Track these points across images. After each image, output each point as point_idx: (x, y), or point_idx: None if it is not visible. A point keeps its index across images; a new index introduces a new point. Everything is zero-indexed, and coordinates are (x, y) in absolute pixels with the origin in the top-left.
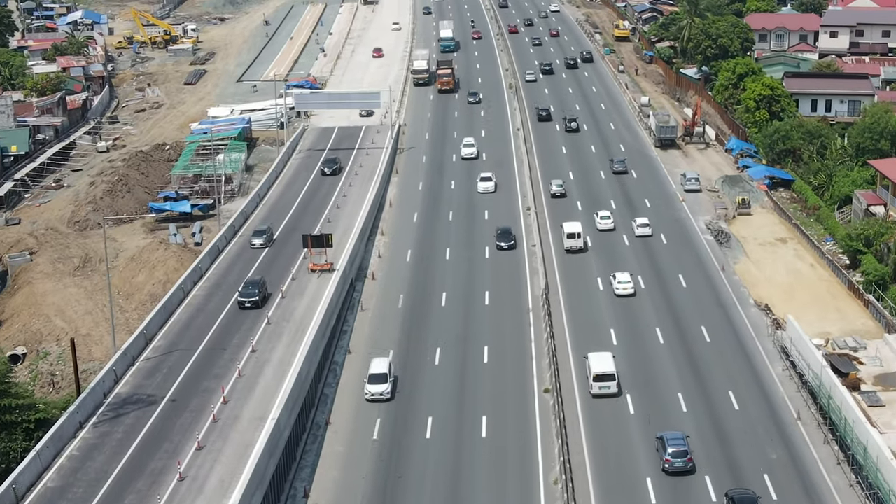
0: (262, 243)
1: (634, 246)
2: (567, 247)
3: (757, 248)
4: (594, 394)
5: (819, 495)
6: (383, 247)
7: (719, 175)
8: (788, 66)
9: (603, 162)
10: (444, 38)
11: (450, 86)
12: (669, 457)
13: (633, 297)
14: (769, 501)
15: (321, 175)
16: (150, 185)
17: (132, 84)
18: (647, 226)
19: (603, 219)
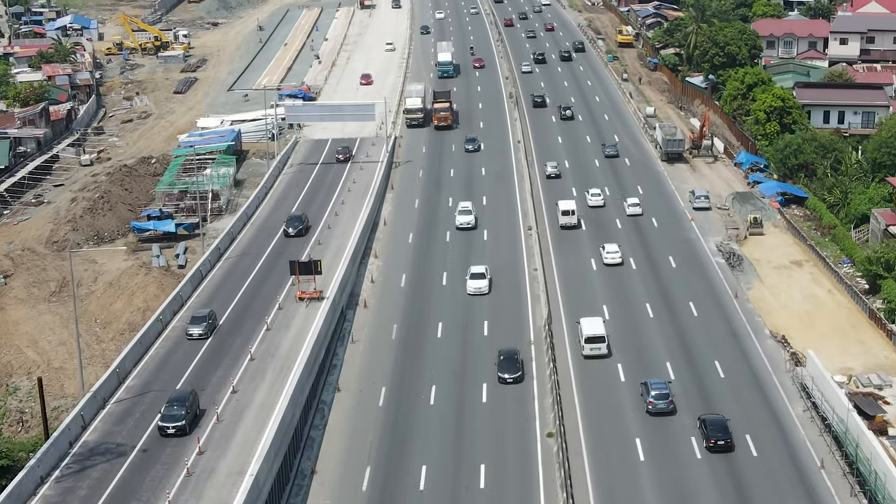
0: (201, 333)
1: (626, 224)
2: (562, 223)
3: (771, 271)
4: (586, 355)
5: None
6: (376, 271)
7: (729, 191)
8: (798, 74)
9: (595, 146)
10: (443, 62)
11: (447, 122)
12: (652, 399)
13: (621, 265)
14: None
15: (285, 236)
16: (133, 201)
17: (120, 92)
18: (637, 205)
19: (594, 196)
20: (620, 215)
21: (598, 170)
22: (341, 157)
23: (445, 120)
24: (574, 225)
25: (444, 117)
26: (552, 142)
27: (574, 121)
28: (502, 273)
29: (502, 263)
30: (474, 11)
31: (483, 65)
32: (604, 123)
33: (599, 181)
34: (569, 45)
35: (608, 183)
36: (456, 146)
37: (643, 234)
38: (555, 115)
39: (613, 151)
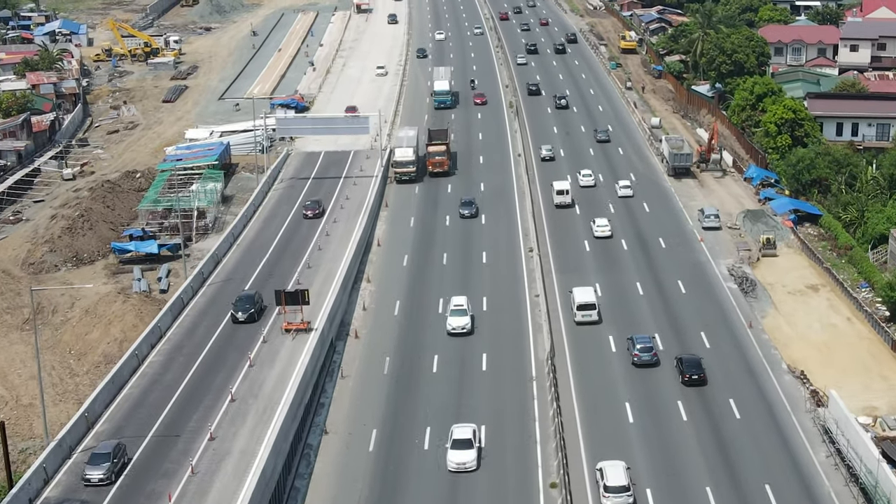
0: (101, 476)
1: (616, 204)
2: (556, 202)
3: (786, 297)
4: (578, 321)
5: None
6: (369, 297)
7: (740, 209)
8: (807, 82)
9: (588, 132)
10: (440, 91)
11: (443, 168)
12: (638, 352)
13: (610, 238)
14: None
15: (233, 321)
16: (116, 219)
17: (108, 101)
18: (628, 187)
19: (585, 176)
20: (612, 196)
21: (590, 153)
22: (310, 214)
23: (441, 166)
24: (568, 204)
25: (440, 162)
26: (547, 128)
27: (568, 109)
28: (502, 299)
29: (502, 289)
30: (478, 32)
31: (485, 101)
32: (597, 113)
33: (591, 164)
34: (562, 39)
35: (599, 165)
36: (450, 206)
37: (651, 255)
38: (549, 104)
39: (605, 137)
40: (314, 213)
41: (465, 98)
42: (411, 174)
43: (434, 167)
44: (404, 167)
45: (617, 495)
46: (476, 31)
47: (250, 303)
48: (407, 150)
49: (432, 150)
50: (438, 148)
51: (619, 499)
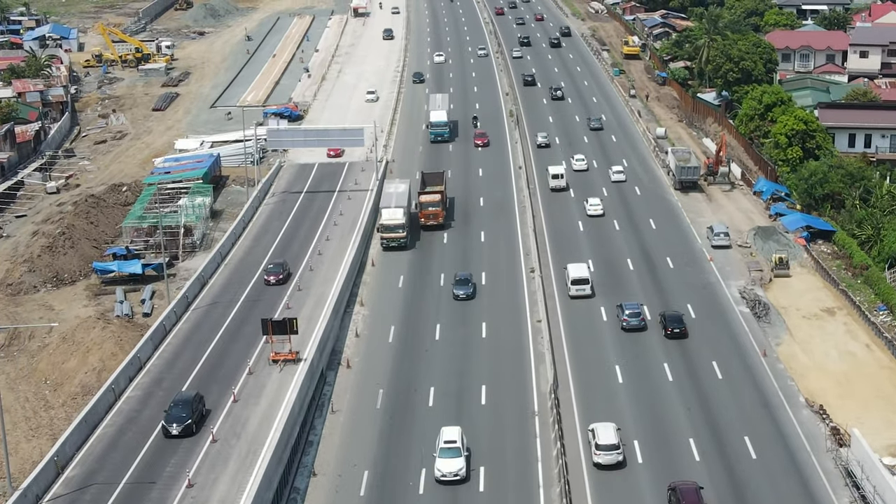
0: None
1: (610, 189)
2: (552, 186)
3: (801, 322)
4: (572, 295)
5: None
6: (362, 322)
7: (750, 225)
8: (816, 90)
9: (582, 121)
10: (436, 122)
11: (438, 220)
12: (626, 317)
13: (602, 217)
14: None
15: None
16: (99, 236)
17: (96, 109)
18: (621, 172)
19: (578, 161)
20: (605, 181)
21: (584, 140)
22: (272, 280)
23: (435, 217)
24: (563, 188)
25: (434, 214)
26: (543, 117)
27: (563, 100)
28: (502, 325)
29: (502, 314)
30: (482, 53)
31: (487, 142)
32: (592, 104)
33: (585, 149)
34: (557, 33)
35: (593, 151)
36: (444, 283)
37: (658, 276)
38: (545, 94)
39: (598, 125)
40: (277, 279)
41: (464, 129)
42: (401, 240)
43: (427, 219)
44: (392, 232)
45: (607, 453)
46: (480, 52)
47: (187, 410)
48: (396, 212)
49: (425, 199)
50: (432, 197)
51: (609, 456)
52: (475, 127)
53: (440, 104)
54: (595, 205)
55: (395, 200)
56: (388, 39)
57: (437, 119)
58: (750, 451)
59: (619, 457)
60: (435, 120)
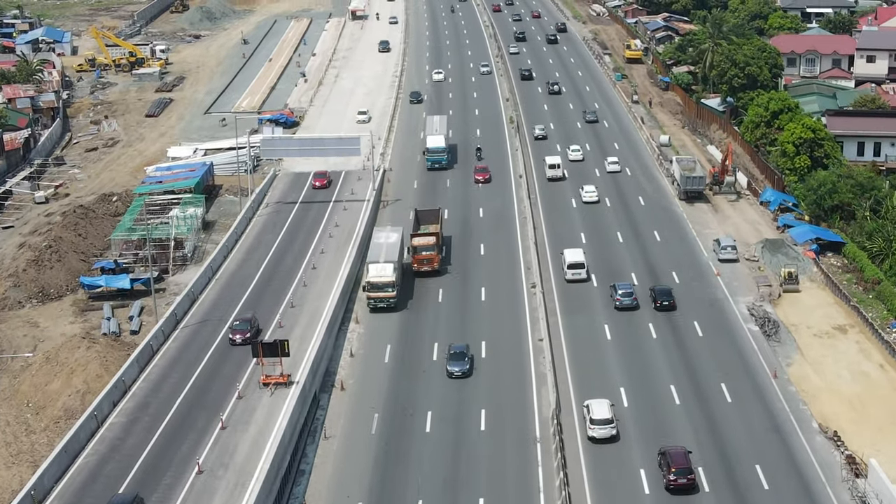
0: None
1: (605, 178)
2: (549, 176)
3: (812, 340)
4: (568, 279)
5: None
6: (356, 341)
7: (757, 237)
8: (823, 95)
9: (578, 114)
10: (433, 149)
11: (433, 265)
12: (619, 296)
13: (597, 203)
14: None
15: None
16: (88, 249)
17: (89, 115)
18: (616, 163)
19: (573, 152)
20: (600, 169)
21: (579, 130)
22: (238, 340)
23: (430, 263)
24: (560, 177)
25: (429, 259)
26: (540, 110)
27: (560, 95)
28: (502, 345)
29: (502, 332)
30: (485, 70)
31: (489, 178)
32: (586, 95)
33: (581, 141)
34: (553, 29)
35: (589, 143)
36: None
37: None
38: (542, 88)
39: (593, 117)
40: (244, 338)
41: (464, 154)
42: (390, 301)
43: (420, 265)
44: (381, 290)
45: (601, 427)
46: (483, 69)
47: None
48: (385, 267)
49: (419, 242)
50: (426, 240)
51: (603, 430)
52: (479, 159)
53: (437, 128)
54: (590, 192)
55: (385, 253)
56: (384, 52)
57: (435, 145)
58: (762, 481)
59: (613, 431)
60: (432, 146)
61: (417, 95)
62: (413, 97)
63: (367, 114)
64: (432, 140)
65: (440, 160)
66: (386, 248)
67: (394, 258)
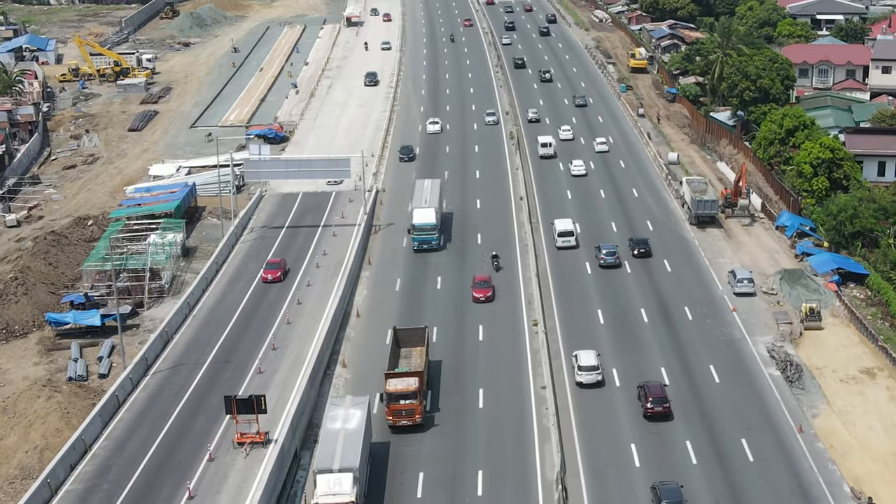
0: None
1: (595, 158)
2: (541, 154)
3: (838, 387)
4: (559, 246)
5: None
6: (343, 387)
7: (774, 267)
8: (838, 109)
9: (567, 98)
10: (420, 226)
11: (414, 418)
12: (603, 255)
13: (585, 177)
14: None
15: None
16: (59, 279)
17: (70, 128)
18: (604, 143)
19: (564, 131)
20: (589, 148)
21: (568, 113)
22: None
23: (411, 416)
24: (551, 155)
25: (410, 410)
26: (532, 96)
27: (552, 83)
28: (501, 394)
29: (501, 379)
30: (490, 120)
31: (491, 294)
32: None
33: (571, 122)
34: (544, 20)
35: (578, 124)
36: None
37: (676, 329)
38: (535, 76)
39: (582, 101)
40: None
41: (461, 228)
42: None
43: (397, 418)
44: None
45: (588, 373)
46: (488, 119)
47: None
48: (339, 480)
49: (395, 388)
50: (406, 385)
51: (589, 375)
52: (496, 268)
53: (427, 198)
54: (578, 165)
55: (342, 445)
56: (371, 85)
57: (423, 221)
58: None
59: (599, 377)
60: (419, 222)
61: (409, 151)
62: (403, 153)
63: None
64: (420, 215)
65: (429, 239)
66: (344, 440)
67: (355, 459)
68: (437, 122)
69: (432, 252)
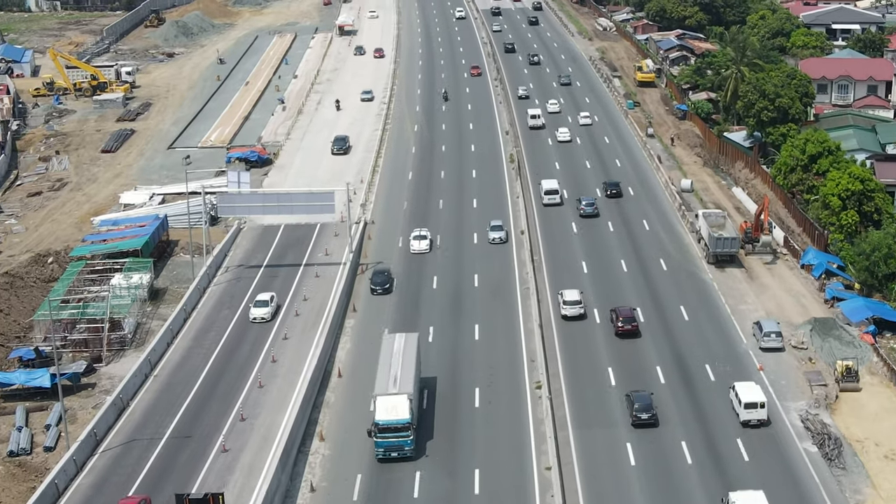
0: None
1: (578, 130)
2: (530, 125)
3: (884, 466)
4: (545, 203)
5: None
6: (320, 469)
7: (803, 316)
8: (861, 129)
9: (553, 78)
10: (386, 424)
11: None
12: (583, 206)
13: (570, 143)
14: None
15: None
16: (10, 327)
17: (40, 148)
18: (588, 117)
19: (551, 104)
20: (574, 122)
21: (555, 90)
22: None
23: None
24: (540, 126)
25: None
26: (522, 77)
27: (539, 65)
28: (500, 476)
29: (500, 457)
30: (497, 238)
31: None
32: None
33: (557, 97)
34: (532, 9)
35: (564, 100)
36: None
37: (696, 393)
38: (524, 60)
39: (567, 80)
40: None
41: (448, 414)
42: None
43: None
44: None
45: (571, 306)
46: (494, 237)
47: None
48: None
49: None
50: None
51: (573, 309)
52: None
53: (398, 375)
54: (563, 132)
55: None
56: (340, 153)
57: (390, 418)
58: None
59: (581, 310)
60: (385, 419)
61: (383, 281)
62: (375, 283)
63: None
64: (386, 407)
65: (400, 444)
66: None
67: None
68: (426, 236)
69: (404, 461)
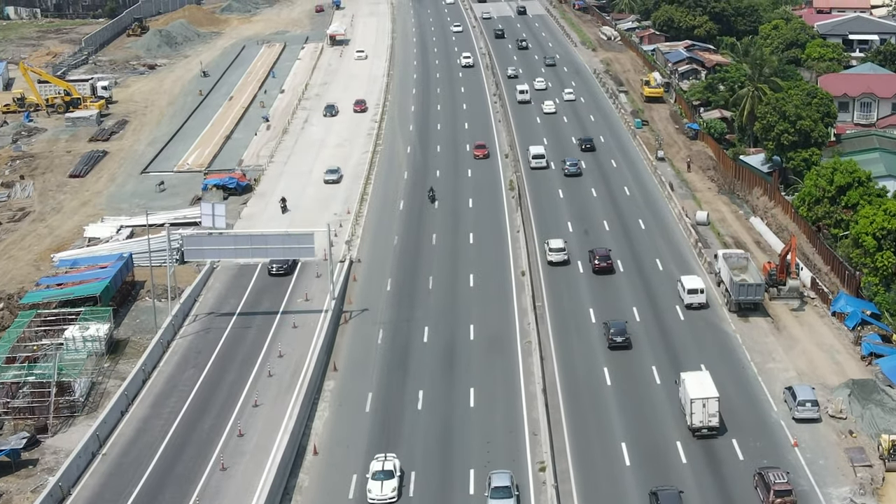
0: None
1: (564, 106)
2: (519, 99)
3: None
4: (532, 167)
5: None
6: None
7: (839, 376)
8: (887, 152)
9: (540, 62)
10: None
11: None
12: (567, 167)
13: (555, 114)
14: None
15: None
16: None
17: (4, 172)
18: (571, 93)
19: (538, 82)
20: (559, 98)
21: (541, 71)
22: None
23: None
24: (528, 101)
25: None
26: (511, 59)
27: (528, 50)
28: None
29: None
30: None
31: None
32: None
33: (543, 76)
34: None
35: (550, 79)
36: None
37: (722, 471)
38: (513, 45)
39: (552, 62)
40: None
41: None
42: None
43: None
44: None
45: (556, 253)
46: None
47: None
48: None
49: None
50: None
51: (558, 255)
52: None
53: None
54: (549, 105)
55: None
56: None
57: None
58: None
59: (566, 256)
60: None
61: None
62: None
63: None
64: None
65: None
66: None
67: None
68: None
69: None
